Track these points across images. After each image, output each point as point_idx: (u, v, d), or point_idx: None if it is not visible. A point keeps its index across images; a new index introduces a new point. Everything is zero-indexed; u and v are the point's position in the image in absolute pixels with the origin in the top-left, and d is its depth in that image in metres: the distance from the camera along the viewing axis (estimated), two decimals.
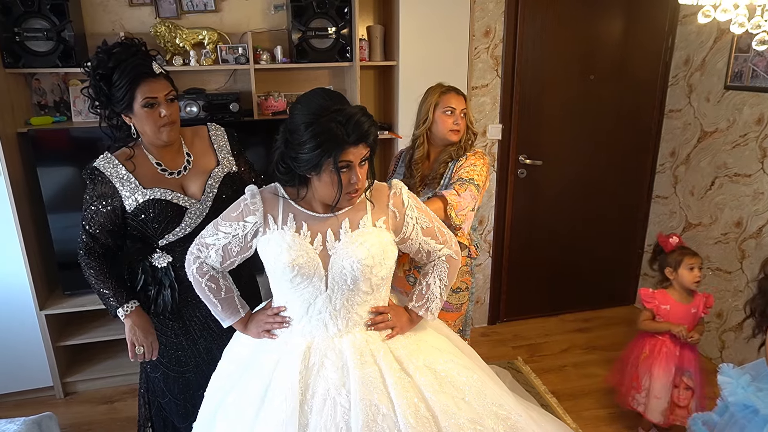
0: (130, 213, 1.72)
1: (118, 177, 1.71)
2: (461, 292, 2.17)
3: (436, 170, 2.10)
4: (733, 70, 2.87)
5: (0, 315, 2.66)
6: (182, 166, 1.79)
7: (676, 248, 2.40)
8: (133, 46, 1.67)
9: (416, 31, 2.80)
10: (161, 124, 1.68)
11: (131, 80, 1.61)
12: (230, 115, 2.73)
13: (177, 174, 1.78)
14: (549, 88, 3.22)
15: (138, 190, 1.71)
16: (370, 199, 1.48)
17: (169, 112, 1.68)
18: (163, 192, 1.73)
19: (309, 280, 1.43)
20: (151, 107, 1.65)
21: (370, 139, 1.34)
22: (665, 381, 2.37)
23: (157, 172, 1.76)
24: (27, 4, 2.41)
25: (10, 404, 2.79)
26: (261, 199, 1.46)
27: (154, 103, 1.65)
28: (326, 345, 1.46)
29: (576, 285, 3.66)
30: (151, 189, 1.72)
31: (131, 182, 1.71)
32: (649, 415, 2.41)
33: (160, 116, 1.67)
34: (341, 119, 1.30)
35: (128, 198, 1.71)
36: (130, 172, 1.72)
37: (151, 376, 1.92)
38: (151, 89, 1.65)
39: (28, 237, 2.61)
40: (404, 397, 1.38)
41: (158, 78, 1.67)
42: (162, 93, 1.67)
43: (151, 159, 1.76)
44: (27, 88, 2.72)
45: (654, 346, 2.42)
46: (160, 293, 1.79)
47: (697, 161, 3.19)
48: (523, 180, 3.33)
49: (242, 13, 2.88)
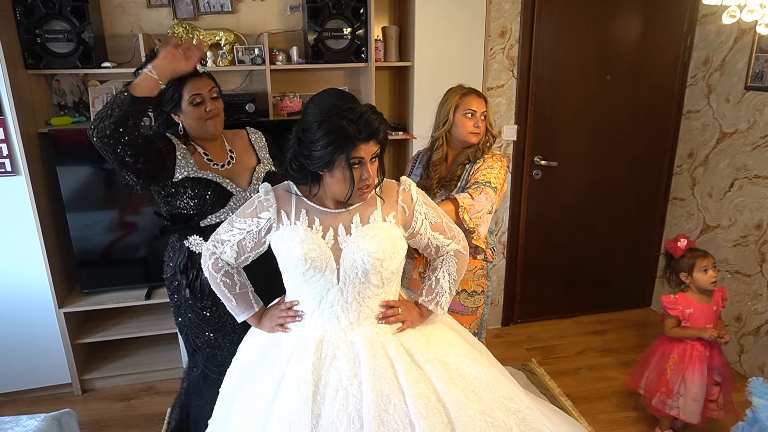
0: (176, 182, 1.81)
1: (181, 150, 1.84)
2: (477, 296, 2.16)
3: (453, 172, 2.10)
4: (754, 70, 2.83)
5: (20, 312, 2.70)
6: (226, 160, 1.92)
7: (686, 252, 2.39)
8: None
9: (431, 31, 2.79)
10: (207, 117, 1.82)
11: (178, 80, 1.74)
12: (246, 116, 2.75)
13: (221, 166, 1.90)
14: (565, 88, 3.20)
15: (192, 168, 1.83)
16: (380, 195, 1.51)
17: (213, 107, 1.83)
18: (214, 175, 1.86)
19: (321, 273, 1.46)
20: (197, 105, 1.80)
21: (380, 135, 1.38)
22: (702, 383, 2.36)
23: (204, 161, 1.88)
24: (48, 6, 2.44)
25: (28, 400, 2.83)
26: (274, 196, 1.50)
27: (200, 100, 1.79)
28: (338, 337, 1.49)
29: (591, 287, 3.63)
30: (204, 171, 1.85)
31: (189, 159, 1.84)
32: (686, 417, 2.39)
33: (206, 111, 1.81)
34: (353, 117, 1.34)
35: (181, 168, 1.82)
36: (191, 154, 1.86)
37: (191, 376, 1.97)
38: (196, 87, 1.79)
39: (48, 235, 2.65)
40: (415, 387, 1.40)
41: (202, 77, 1.81)
42: (206, 89, 1.81)
43: (199, 149, 1.88)
44: (47, 89, 2.76)
45: (684, 351, 2.40)
46: (198, 277, 1.88)
47: (716, 163, 3.14)
48: (538, 181, 3.31)
49: (258, 14, 2.90)
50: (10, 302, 2.67)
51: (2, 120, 2.44)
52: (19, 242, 2.60)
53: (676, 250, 2.41)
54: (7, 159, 2.49)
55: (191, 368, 2.05)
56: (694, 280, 2.37)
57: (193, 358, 2.01)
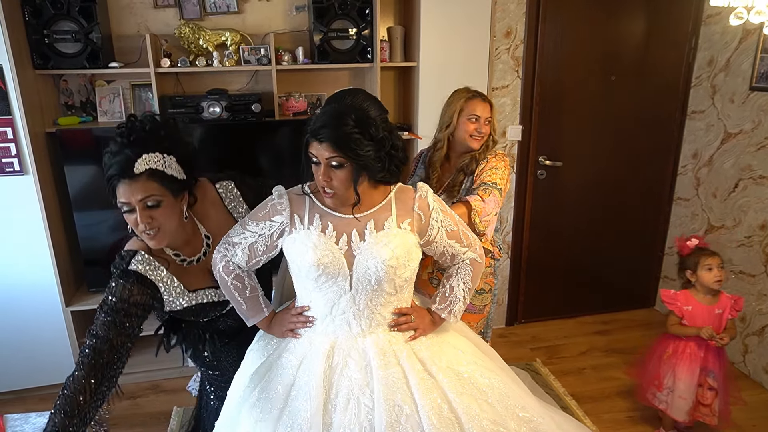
0: (167, 311, 1.54)
1: (161, 279, 1.47)
2: (484, 294, 2.17)
3: (456, 178, 2.09)
4: (759, 71, 2.83)
5: (27, 311, 2.71)
6: (202, 251, 1.57)
7: (694, 250, 2.40)
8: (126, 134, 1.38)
9: (437, 32, 2.80)
10: (141, 231, 1.41)
11: (107, 180, 1.38)
12: (252, 116, 2.77)
13: (197, 261, 1.57)
14: (570, 89, 3.20)
15: (184, 295, 1.51)
16: (356, 216, 1.45)
17: (147, 220, 1.38)
18: (207, 294, 1.56)
19: (334, 279, 1.44)
20: (128, 213, 1.40)
21: (320, 136, 1.34)
22: (690, 382, 2.37)
23: (176, 263, 1.53)
24: (56, 6, 2.46)
25: (35, 398, 2.85)
26: (288, 199, 1.48)
27: (128, 209, 1.39)
28: (349, 345, 1.47)
29: (595, 287, 3.63)
30: (195, 292, 1.53)
31: (175, 286, 1.50)
32: (673, 414, 2.42)
33: (135, 222, 1.40)
34: (320, 112, 1.37)
35: (171, 303, 1.52)
36: (169, 271, 1.48)
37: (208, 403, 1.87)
38: (122, 193, 1.37)
39: (55, 234, 2.66)
40: (427, 397, 1.38)
41: (136, 179, 1.35)
42: (136, 197, 1.37)
43: (168, 250, 1.51)
44: (55, 89, 2.78)
45: (677, 346, 2.43)
46: (198, 344, 1.69)
47: (721, 163, 3.14)
48: (542, 181, 3.32)
49: (264, 15, 2.91)
50: (17, 300, 2.69)
51: (10, 120, 2.45)
52: (26, 241, 2.61)
53: (683, 247, 2.44)
54: (16, 158, 2.50)
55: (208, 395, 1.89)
56: (699, 278, 2.37)
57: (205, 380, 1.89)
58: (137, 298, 1.43)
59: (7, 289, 2.67)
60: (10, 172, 2.52)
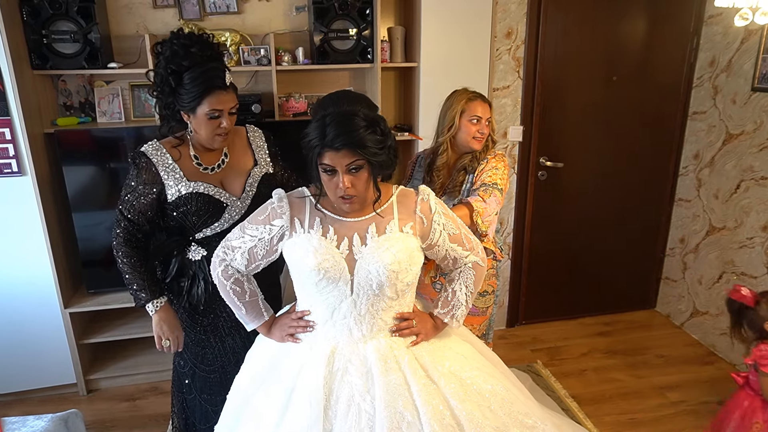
0: (171, 203, 1.74)
1: (164, 165, 1.72)
2: (487, 296, 2.16)
3: (456, 178, 2.09)
4: (761, 71, 2.82)
5: (25, 312, 2.70)
6: (216, 163, 1.80)
7: (760, 299, 2.07)
8: (210, 48, 1.66)
9: (438, 32, 2.79)
10: (218, 133, 1.70)
11: (203, 90, 1.62)
12: (252, 116, 2.75)
13: (211, 170, 1.79)
14: (571, 89, 3.19)
15: (182, 182, 1.73)
16: (378, 212, 1.46)
17: (228, 125, 1.70)
18: (206, 186, 1.75)
19: (335, 284, 1.42)
20: (213, 118, 1.67)
21: (336, 144, 1.30)
22: None
23: (193, 166, 1.77)
24: (55, 6, 2.44)
25: (34, 400, 2.83)
26: (288, 203, 1.46)
27: (218, 115, 1.67)
28: (350, 350, 1.45)
29: (596, 288, 3.62)
30: (195, 182, 1.74)
31: (177, 172, 1.73)
32: None
33: (219, 126, 1.68)
34: (328, 120, 1.32)
35: (172, 188, 1.73)
36: (176, 161, 1.73)
37: (179, 371, 1.94)
38: (219, 101, 1.65)
39: (54, 235, 2.65)
40: (429, 404, 1.37)
41: (228, 90, 1.68)
42: (228, 106, 1.68)
43: (191, 153, 1.77)
44: (53, 90, 2.77)
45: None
46: (194, 286, 1.82)
47: (722, 164, 3.13)
48: (543, 182, 3.31)
49: (264, 15, 2.89)
50: (16, 302, 2.68)
51: (8, 120, 2.44)
52: (25, 242, 2.60)
53: (745, 299, 2.07)
54: (14, 159, 2.49)
55: (179, 367, 1.98)
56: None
57: (182, 354, 1.94)
58: (144, 177, 1.72)
59: (6, 290, 2.66)
60: (8, 173, 2.50)
